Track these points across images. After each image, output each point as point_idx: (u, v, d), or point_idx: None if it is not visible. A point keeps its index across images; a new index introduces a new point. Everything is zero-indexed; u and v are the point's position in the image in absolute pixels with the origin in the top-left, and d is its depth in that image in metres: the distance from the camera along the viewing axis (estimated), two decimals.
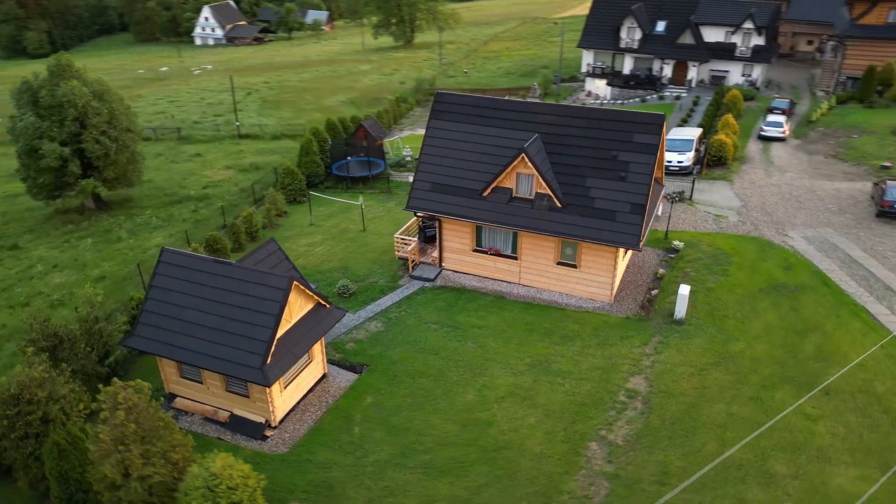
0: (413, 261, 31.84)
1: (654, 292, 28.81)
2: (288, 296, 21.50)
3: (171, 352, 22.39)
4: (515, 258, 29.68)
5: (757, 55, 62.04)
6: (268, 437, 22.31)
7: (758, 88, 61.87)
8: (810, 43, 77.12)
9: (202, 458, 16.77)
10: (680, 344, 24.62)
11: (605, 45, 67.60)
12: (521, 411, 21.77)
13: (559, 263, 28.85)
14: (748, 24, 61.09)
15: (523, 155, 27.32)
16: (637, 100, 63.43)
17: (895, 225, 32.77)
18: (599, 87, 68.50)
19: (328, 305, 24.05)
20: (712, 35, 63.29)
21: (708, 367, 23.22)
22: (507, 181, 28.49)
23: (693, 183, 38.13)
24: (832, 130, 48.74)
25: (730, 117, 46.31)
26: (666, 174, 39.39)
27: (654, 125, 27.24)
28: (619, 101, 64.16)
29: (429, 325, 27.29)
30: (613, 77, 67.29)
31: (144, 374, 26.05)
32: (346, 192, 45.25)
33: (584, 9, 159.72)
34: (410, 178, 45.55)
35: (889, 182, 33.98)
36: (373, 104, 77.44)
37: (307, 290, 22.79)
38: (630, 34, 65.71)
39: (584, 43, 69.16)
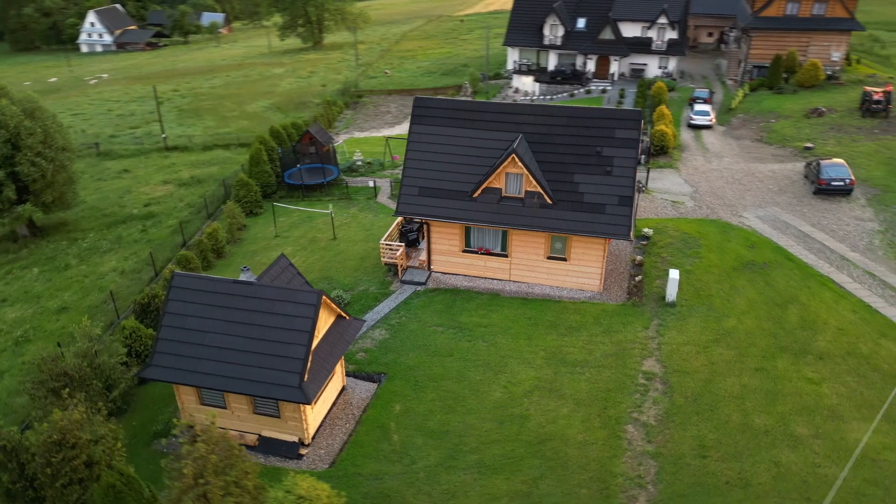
0: (402, 266, 32.04)
1: (637, 278, 30.51)
2: (319, 311, 21.35)
3: (194, 379, 21.68)
4: (506, 256, 30.55)
5: (672, 48, 65.97)
6: (303, 455, 22.08)
7: (675, 79, 65.79)
8: (710, 35, 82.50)
9: (279, 482, 16.54)
10: (678, 325, 26.34)
11: (530, 43, 69.67)
12: (551, 403, 22.68)
13: (549, 258, 29.97)
14: (662, 20, 64.84)
15: (514, 155, 28.18)
16: (565, 94, 65.85)
17: (833, 200, 36.18)
18: (526, 84, 70.49)
19: (347, 317, 24.00)
20: (630, 30, 66.66)
21: (710, 344, 25.03)
22: (497, 181, 29.28)
23: (647, 172, 40.39)
24: (751, 116, 52.79)
25: (664, 108, 49.23)
26: None
27: (633, 120, 28.85)
28: (548, 97, 66.37)
29: (433, 329, 27.69)
30: (540, 73, 69.49)
31: (149, 405, 25.03)
32: (303, 201, 44.56)
33: (485, 6, 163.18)
34: (371, 183, 45.57)
35: (822, 162, 37.45)
36: (299, 108, 76.07)
37: (331, 304, 22.68)
38: (553, 31, 68.08)
39: (510, 41, 70.96)
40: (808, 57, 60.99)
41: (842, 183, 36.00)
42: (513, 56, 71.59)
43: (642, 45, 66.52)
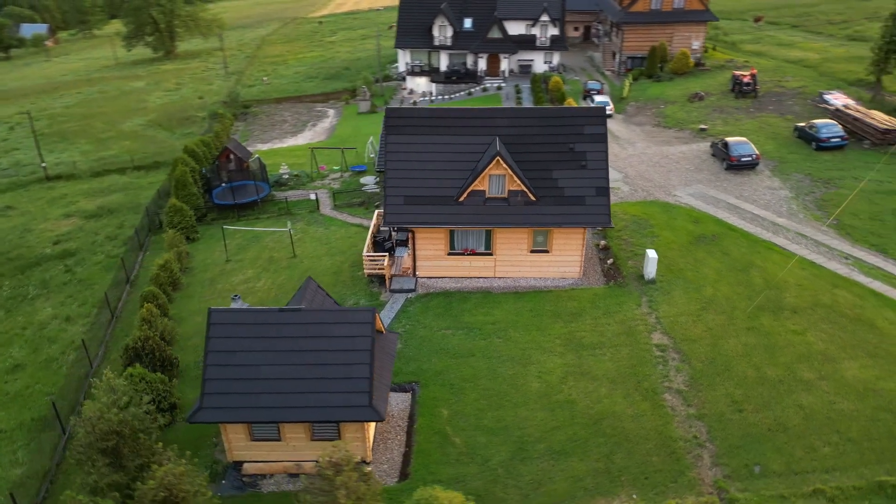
0: (388, 275, 32.35)
1: (609, 262, 33.12)
2: (375, 328, 21.51)
3: (250, 415, 21.07)
4: (490, 254, 31.88)
5: (555, 44, 70.30)
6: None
7: (561, 73, 70.18)
8: (576, 29, 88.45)
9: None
10: (666, 299, 29.15)
11: (420, 44, 70.99)
12: (589, 385, 24.46)
13: (532, 251, 31.71)
14: (545, 17, 68.86)
15: (498, 157, 29.55)
16: (463, 93, 68.03)
17: (744, 175, 41.09)
18: (421, 84, 71.89)
19: (384, 331, 24.20)
20: (515, 28, 70.09)
21: (700, 312, 28.03)
22: (481, 184, 30.49)
23: None
24: (642, 104, 57.92)
25: (571, 101, 52.74)
26: None
27: (599, 117, 31.26)
28: (447, 97, 68.21)
29: (443, 332, 28.46)
30: (434, 73, 71.11)
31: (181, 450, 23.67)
32: (240, 220, 43.03)
33: (336, 6, 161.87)
34: (312, 196, 44.82)
35: (730, 141, 42.34)
36: (184, 124, 72.12)
37: (378, 319, 22.83)
38: (442, 32, 69.92)
39: (400, 43, 71.83)
40: (674, 46, 67.74)
41: (750, 158, 41.01)
42: (404, 58, 72.59)
43: (528, 42, 70.22)
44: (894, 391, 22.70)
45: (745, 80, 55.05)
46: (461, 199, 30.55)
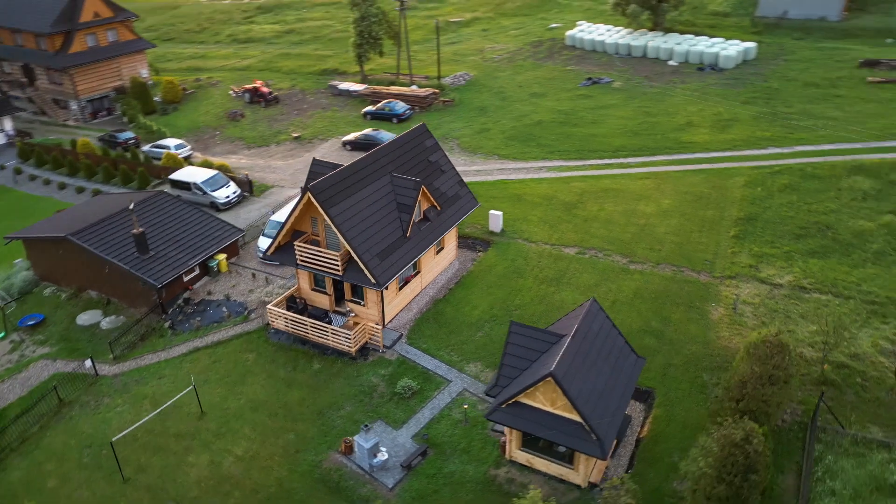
0: (377, 337, 31.20)
1: None
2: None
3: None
4: (419, 271, 34.54)
5: (3, 109, 57.75)
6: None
7: (22, 139, 58.64)
8: None
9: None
10: (531, 234, 38.54)
11: None
12: (612, 286, 33.64)
13: (437, 252, 35.95)
14: None
15: (423, 187, 32.59)
16: None
17: None
18: None
19: None
20: None
21: (558, 229, 38.80)
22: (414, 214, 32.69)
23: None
24: (197, 137, 57.35)
25: (175, 155, 49.47)
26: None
27: (425, 131, 36.76)
28: None
29: (478, 337, 31.66)
30: None
31: None
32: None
33: None
34: (87, 363, 31.82)
35: (371, 132, 50.95)
36: None
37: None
38: None
39: None
40: (124, 78, 65.79)
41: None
42: None
43: None
44: (676, 208, 40.38)
45: (262, 90, 61.64)
46: (408, 234, 32.07)
